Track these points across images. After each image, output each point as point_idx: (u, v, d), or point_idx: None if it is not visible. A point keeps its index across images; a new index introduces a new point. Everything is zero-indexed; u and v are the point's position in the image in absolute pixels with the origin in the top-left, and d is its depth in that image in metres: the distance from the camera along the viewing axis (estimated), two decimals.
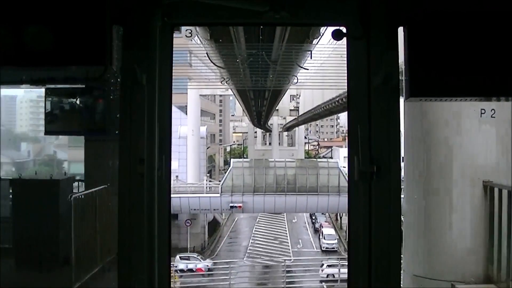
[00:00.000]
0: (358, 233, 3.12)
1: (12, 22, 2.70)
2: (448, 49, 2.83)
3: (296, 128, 68.30)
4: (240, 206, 39.56)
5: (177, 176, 38.62)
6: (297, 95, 44.14)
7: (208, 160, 57.85)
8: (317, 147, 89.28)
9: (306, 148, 72.94)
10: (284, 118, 65.47)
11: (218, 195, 39.88)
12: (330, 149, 73.75)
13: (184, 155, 42.25)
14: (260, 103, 36.56)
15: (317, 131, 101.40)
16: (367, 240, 3.07)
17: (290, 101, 46.34)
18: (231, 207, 39.53)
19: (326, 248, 39.41)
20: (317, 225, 43.80)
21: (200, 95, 41.46)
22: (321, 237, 39.70)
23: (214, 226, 43.52)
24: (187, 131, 40.13)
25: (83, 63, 2.78)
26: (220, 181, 39.12)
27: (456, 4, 2.88)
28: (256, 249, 39.34)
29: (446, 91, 2.90)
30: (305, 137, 77.79)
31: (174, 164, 44.45)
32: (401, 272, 3.18)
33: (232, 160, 45.47)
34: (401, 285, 3.18)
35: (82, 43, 2.72)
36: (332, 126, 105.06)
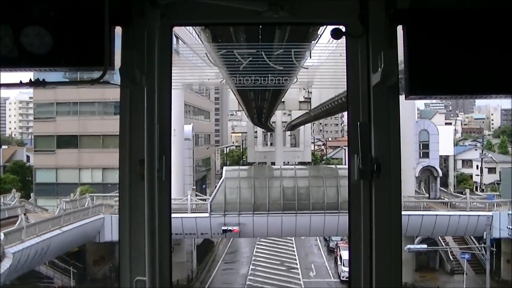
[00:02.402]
0: (358, 233, 3.07)
1: (11, 23, 2.69)
2: (448, 47, 2.82)
3: (302, 126, 64.37)
4: (235, 230, 31.05)
5: None
6: (308, 83, 28.32)
7: (204, 163, 56.03)
8: (323, 147, 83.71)
9: (312, 148, 70.31)
10: (289, 114, 60.21)
11: (207, 214, 31.46)
12: (339, 149, 70.37)
13: None
14: (261, 97, 31.35)
15: (321, 130, 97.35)
16: (368, 239, 3.04)
17: (300, 91, 31.20)
18: (224, 231, 31.15)
19: (347, 278, 22.38)
20: (331, 244, 38.46)
21: (189, 89, 37.09)
22: (339, 262, 33.04)
23: (206, 247, 38.50)
24: None
25: (82, 64, 2.76)
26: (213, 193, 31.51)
27: (455, 3, 2.87)
28: (258, 279, 33.30)
29: (446, 89, 2.88)
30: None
31: None
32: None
33: (224, 168, 36.87)
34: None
35: (81, 44, 2.70)
36: (337, 124, 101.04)
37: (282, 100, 34.07)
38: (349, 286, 3.03)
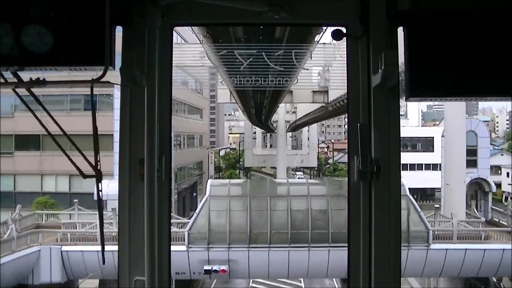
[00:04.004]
0: (358, 234, 3.28)
1: (11, 22, 2.86)
2: (448, 49, 2.99)
3: (307, 126, 57.55)
4: (223, 271, 22.73)
5: (113, 209, 24.38)
6: (326, 67, 14.82)
7: (197, 167, 50.35)
8: (327, 149, 79.31)
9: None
10: (294, 112, 53.03)
11: (183, 247, 23.17)
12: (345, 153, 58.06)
13: None
14: (260, 93, 27.17)
15: (323, 131, 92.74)
16: (367, 240, 3.25)
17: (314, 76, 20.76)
18: (207, 271, 22.85)
19: None
20: None
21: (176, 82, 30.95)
22: None
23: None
24: None
25: (82, 63, 2.94)
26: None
27: (456, 4, 3.03)
28: None
29: (446, 91, 3.03)
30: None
31: (113, 186, 26.09)
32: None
33: (209, 182, 27.31)
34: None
35: (82, 44, 2.89)
36: (340, 126, 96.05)
37: (290, 89, 24.30)
38: (348, 286, 3.33)
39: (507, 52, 2.85)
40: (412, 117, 75.51)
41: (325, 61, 25.52)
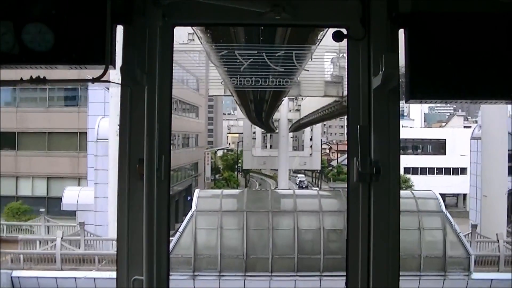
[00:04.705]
0: (357, 235, 3.42)
1: (12, 20, 2.94)
2: (448, 51, 3.07)
3: (312, 126, 51.84)
4: None
5: (80, 224, 21.82)
6: (341, 53, 7.79)
7: (193, 168, 46.73)
8: (329, 151, 77.05)
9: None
10: (298, 109, 47.36)
11: None
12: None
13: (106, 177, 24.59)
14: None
15: (324, 132, 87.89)
16: (366, 242, 3.39)
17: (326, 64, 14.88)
18: None
19: None
20: None
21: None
22: None
23: None
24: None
25: (83, 62, 3.03)
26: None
27: (456, 7, 3.10)
28: None
29: (446, 93, 3.10)
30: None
31: (88, 195, 25.60)
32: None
33: (196, 192, 22.17)
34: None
35: (83, 42, 2.99)
36: (342, 126, 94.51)
37: (297, 79, 20.03)
38: None
39: (507, 54, 2.92)
40: (415, 118, 73.49)
41: (340, 46, 22.12)
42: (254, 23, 5.01)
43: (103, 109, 28.18)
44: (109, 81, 3.04)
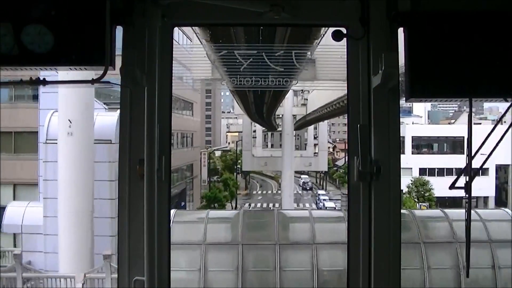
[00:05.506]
0: (357, 235, 3.45)
1: (12, 22, 3.02)
2: (448, 50, 3.13)
3: (318, 123, 50.18)
4: None
5: (15, 257, 13.84)
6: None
7: (187, 170, 43.13)
8: (333, 150, 73.54)
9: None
10: (304, 104, 43.37)
11: None
12: None
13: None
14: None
15: (327, 130, 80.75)
16: (367, 241, 3.42)
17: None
18: None
19: None
20: None
21: None
22: None
23: None
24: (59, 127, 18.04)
25: (83, 63, 3.11)
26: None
27: (456, 5, 3.17)
28: None
29: (446, 92, 3.15)
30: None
31: (36, 213, 20.11)
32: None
33: (173, 213, 12.56)
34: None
35: (82, 43, 3.06)
36: (345, 124, 69.33)
37: (313, 58, 17.52)
38: (348, 287, 3.63)
39: (507, 53, 2.95)
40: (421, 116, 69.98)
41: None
42: (253, 23, 4.96)
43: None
44: (109, 82, 2.88)
